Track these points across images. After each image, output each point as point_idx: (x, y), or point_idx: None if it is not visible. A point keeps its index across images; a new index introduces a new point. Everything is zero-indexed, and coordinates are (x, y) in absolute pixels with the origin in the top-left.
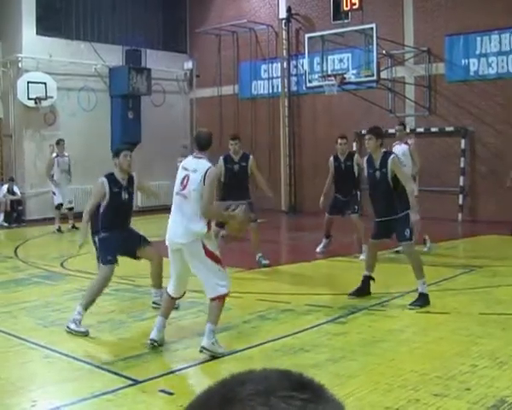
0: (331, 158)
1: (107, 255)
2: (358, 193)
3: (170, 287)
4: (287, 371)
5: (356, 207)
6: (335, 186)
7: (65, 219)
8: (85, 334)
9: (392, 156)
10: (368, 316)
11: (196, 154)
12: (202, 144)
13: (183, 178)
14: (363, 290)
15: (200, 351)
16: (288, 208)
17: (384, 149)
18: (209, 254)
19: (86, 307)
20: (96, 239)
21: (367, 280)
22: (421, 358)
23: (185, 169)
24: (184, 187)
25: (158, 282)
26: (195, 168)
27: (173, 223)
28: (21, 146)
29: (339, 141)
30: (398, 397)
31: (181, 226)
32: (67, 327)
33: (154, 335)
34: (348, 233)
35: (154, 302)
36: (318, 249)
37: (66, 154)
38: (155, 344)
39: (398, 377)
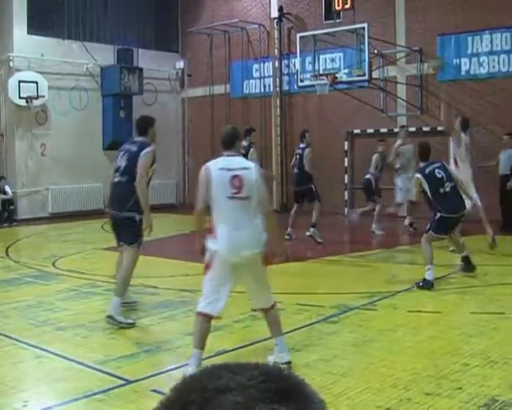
0: None
1: (138, 236)
2: None
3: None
4: (267, 373)
5: None
6: None
7: None
8: (133, 325)
9: None
10: (359, 315)
11: (228, 153)
12: (226, 142)
13: (232, 179)
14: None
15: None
16: (279, 207)
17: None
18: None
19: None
20: (138, 218)
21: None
22: (413, 357)
23: (227, 168)
24: (240, 187)
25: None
26: (245, 166)
27: (236, 232)
28: (13, 145)
29: None
30: (390, 396)
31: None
32: (114, 321)
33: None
34: (340, 233)
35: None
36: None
37: None
38: None
39: (390, 376)
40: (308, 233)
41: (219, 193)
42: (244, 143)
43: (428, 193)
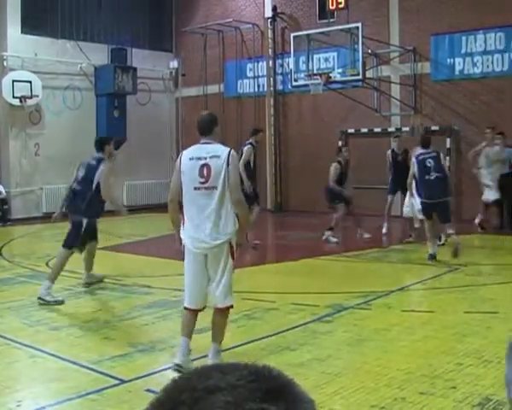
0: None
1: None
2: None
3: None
4: (257, 373)
5: None
6: None
7: None
8: (62, 302)
9: None
10: (353, 315)
11: (204, 140)
12: (201, 128)
13: (200, 169)
14: None
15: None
16: (273, 207)
17: None
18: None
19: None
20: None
21: None
22: (407, 356)
23: (196, 158)
24: (206, 177)
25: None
26: (215, 153)
27: (198, 223)
28: (6, 145)
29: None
30: (384, 396)
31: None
32: (43, 301)
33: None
34: (336, 231)
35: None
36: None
37: None
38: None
39: (384, 375)
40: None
41: (188, 183)
42: (251, 140)
43: (416, 176)
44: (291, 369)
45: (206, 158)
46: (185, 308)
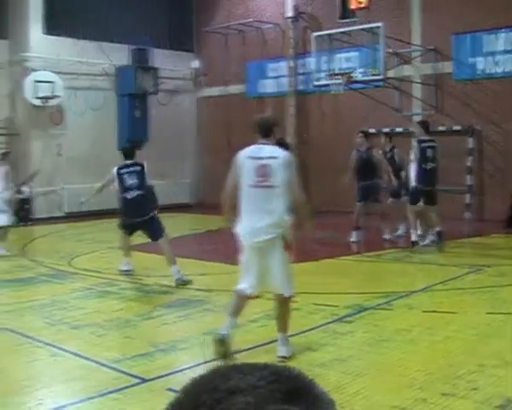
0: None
1: None
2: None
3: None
4: (277, 373)
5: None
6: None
7: None
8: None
9: None
10: (374, 315)
11: (262, 141)
12: (263, 129)
13: (258, 169)
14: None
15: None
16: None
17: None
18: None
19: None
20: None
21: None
22: (428, 357)
23: (255, 157)
24: (264, 176)
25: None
26: (273, 155)
27: (254, 218)
28: (29, 145)
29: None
30: (405, 396)
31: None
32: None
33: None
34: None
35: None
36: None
37: None
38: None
39: (405, 376)
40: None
41: (245, 180)
42: None
43: (416, 162)
44: (312, 369)
45: (265, 158)
46: (237, 292)
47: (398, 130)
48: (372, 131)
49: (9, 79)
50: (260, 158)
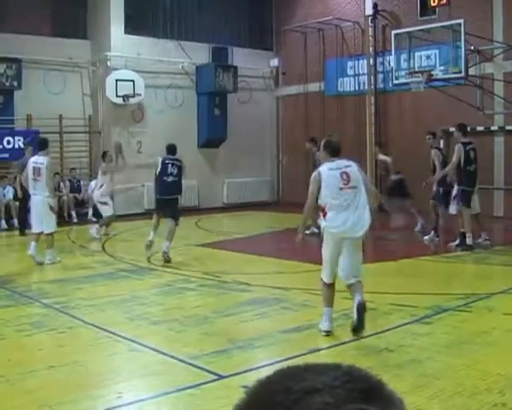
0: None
1: None
2: None
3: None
4: (350, 373)
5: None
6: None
7: None
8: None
9: None
10: (454, 317)
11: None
12: (336, 150)
13: (341, 175)
14: None
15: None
16: (376, 206)
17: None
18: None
19: None
20: None
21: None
22: (509, 361)
23: (336, 168)
24: (348, 180)
25: None
26: (348, 164)
27: (346, 216)
28: (110, 143)
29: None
30: (484, 401)
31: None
32: None
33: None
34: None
35: None
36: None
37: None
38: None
39: (484, 380)
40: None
41: (333, 186)
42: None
43: (462, 165)
44: (389, 370)
45: (343, 167)
46: (325, 284)
47: (479, 128)
48: (452, 129)
49: (91, 79)
50: (339, 168)
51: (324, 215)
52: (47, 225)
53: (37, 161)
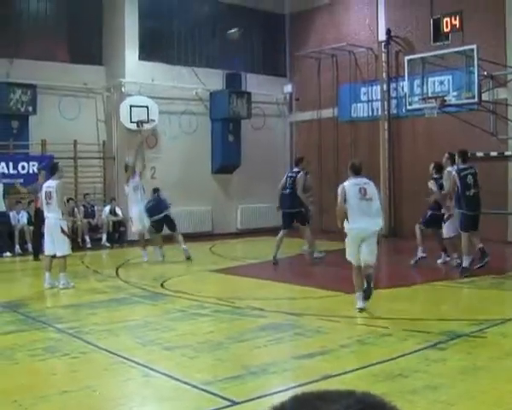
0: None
1: None
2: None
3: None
4: (363, 401)
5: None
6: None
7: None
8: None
9: None
10: (468, 342)
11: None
12: (358, 170)
13: (360, 190)
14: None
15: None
16: (387, 232)
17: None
18: None
19: None
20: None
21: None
22: None
23: (357, 184)
24: (365, 194)
25: None
26: (366, 182)
27: (363, 218)
28: (123, 168)
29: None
30: None
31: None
32: None
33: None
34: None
35: None
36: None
37: None
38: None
39: (499, 407)
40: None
41: (354, 197)
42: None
43: (459, 190)
44: (403, 396)
45: (362, 184)
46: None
47: (493, 154)
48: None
49: (106, 104)
50: (359, 184)
51: (347, 218)
52: (59, 248)
53: (49, 185)
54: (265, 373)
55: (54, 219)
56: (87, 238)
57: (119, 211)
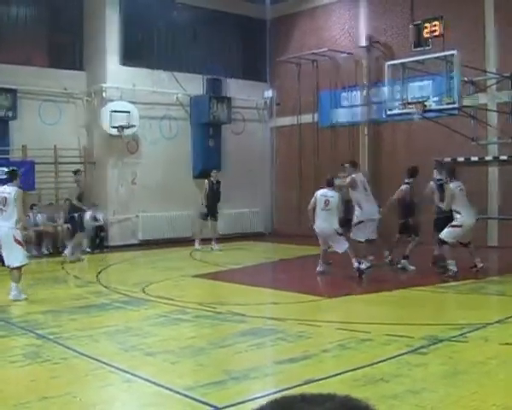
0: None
1: None
2: None
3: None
4: (345, 405)
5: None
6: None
7: None
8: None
9: None
10: (449, 347)
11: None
12: (331, 183)
13: (325, 201)
14: None
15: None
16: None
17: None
18: None
19: None
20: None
21: None
22: (505, 391)
23: (324, 196)
24: (327, 205)
25: None
26: (331, 195)
27: (324, 222)
28: (104, 173)
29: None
30: None
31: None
32: None
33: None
34: (427, 262)
35: None
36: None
37: None
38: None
39: None
40: (400, 265)
41: (319, 205)
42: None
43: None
44: (385, 401)
45: (327, 196)
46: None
47: (474, 159)
48: (447, 160)
49: (87, 109)
50: (326, 196)
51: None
52: (13, 258)
53: (4, 190)
54: (247, 378)
55: (6, 228)
56: (67, 244)
57: (99, 216)
